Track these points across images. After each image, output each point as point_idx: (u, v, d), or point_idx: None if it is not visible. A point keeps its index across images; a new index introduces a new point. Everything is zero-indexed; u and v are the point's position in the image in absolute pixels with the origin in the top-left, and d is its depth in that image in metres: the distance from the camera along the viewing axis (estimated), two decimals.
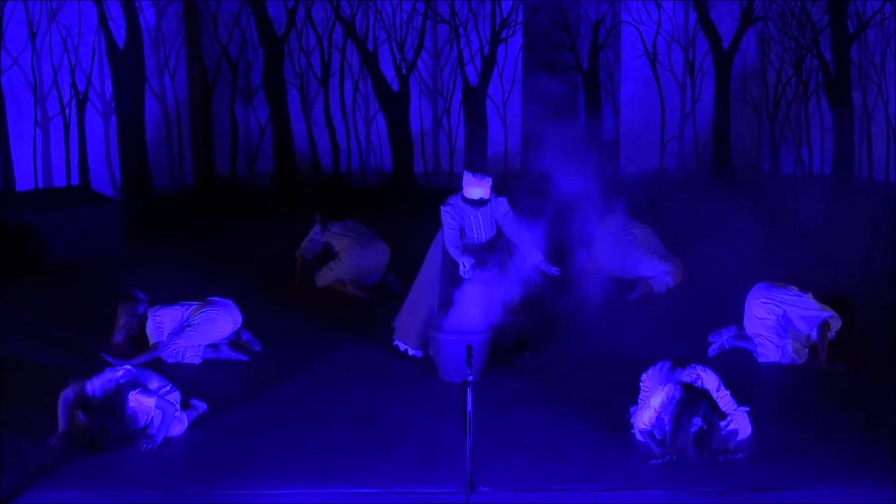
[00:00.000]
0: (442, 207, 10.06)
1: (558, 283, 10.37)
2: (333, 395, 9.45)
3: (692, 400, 8.28)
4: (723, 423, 8.30)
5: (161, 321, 10.28)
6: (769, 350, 10.12)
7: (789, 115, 15.88)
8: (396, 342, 10.36)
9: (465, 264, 9.93)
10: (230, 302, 10.39)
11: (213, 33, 15.53)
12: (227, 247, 13.73)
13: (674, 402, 8.30)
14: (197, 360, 10.17)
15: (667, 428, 8.31)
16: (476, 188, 9.93)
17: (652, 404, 8.38)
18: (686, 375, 8.53)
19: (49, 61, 14.11)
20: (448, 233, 10.04)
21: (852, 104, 15.34)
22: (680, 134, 16.27)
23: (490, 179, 10.02)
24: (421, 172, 15.97)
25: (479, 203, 9.95)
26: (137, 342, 10.29)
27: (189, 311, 10.28)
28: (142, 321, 10.32)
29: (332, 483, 7.99)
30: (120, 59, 14.49)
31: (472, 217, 10.01)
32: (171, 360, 10.10)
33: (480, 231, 10.09)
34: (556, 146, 10.85)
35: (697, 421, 8.21)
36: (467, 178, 10.01)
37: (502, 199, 10.11)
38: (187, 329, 10.19)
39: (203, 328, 10.17)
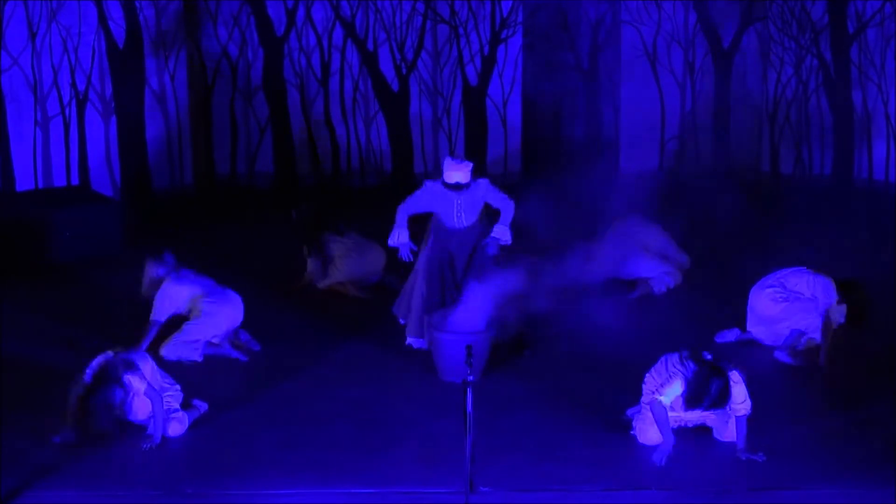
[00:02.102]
0: (421, 186, 10.25)
1: (558, 284, 10.39)
2: (333, 395, 9.44)
3: (709, 371, 8.24)
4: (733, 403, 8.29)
5: (170, 294, 10.27)
6: (770, 336, 10.19)
7: (789, 115, 15.87)
8: (409, 341, 10.43)
9: (398, 235, 10.21)
10: (236, 295, 10.39)
11: (213, 33, 15.52)
12: (226, 247, 13.71)
13: (690, 373, 8.27)
14: (198, 357, 10.17)
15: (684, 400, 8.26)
16: (455, 172, 10.06)
17: (671, 383, 8.32)
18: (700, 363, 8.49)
19: (49, 61, 14.11)
20: (408, 201, 10.25)
21: (852, 104, 15.34)
22: (680, 134, 16.27)
23: (470, 164, 10.14)
24: (421, 172, 15.95)
25: (458, 187, 10.05)
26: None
27: (195, 293, 10.27)
28: (156, 284, 10.34)
29: (332, 483, 7.99)
30: (120, 59, 14.49)
31: (454, 202, 10.10)
32: (171, 358, 10.09)
33: (461, 216, 10.20)
34: (556, 146, 10.86)
35: (716, 384, 8.17)
36: (448, 163, 10.17)
37: (483, 181, 10.25)
38: (188, 324, 10.19)
39: (203, 322, 10.17)
